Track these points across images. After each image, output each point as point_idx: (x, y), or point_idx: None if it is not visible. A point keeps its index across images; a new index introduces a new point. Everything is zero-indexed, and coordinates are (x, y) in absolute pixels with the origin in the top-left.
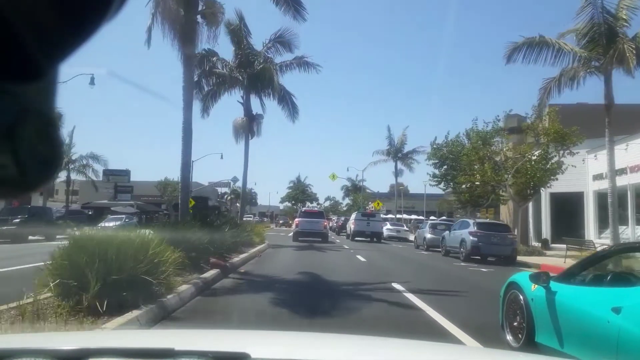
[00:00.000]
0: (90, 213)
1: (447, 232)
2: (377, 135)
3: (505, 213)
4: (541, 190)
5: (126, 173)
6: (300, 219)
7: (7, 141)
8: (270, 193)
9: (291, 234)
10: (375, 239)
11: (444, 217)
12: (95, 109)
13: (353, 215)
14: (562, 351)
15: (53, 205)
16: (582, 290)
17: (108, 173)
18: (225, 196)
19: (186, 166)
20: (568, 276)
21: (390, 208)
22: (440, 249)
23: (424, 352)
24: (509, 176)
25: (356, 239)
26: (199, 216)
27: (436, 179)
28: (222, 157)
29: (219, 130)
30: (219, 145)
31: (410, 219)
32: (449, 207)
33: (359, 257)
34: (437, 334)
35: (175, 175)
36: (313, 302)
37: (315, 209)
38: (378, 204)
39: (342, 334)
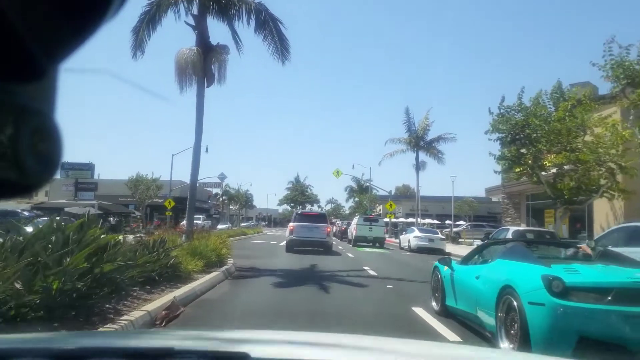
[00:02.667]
0: (41, 213)
1: None
2: (389, 126)
3: (606, 213)
4: None
5: (89, 167)
6: (295, 223)
7: (6, 141)
8: (268, 195)
9: (283, 242)
10: (377, 244)
11: (461, 222)
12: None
13: (355, 220)
14: (456, 307)
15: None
16: (467, 268)
17: (67, 167)
18: (218, 197)
19: None
20: (464, 260)
21: (398, 211)
22: None
23: (424, 351)
24: None
25: (358, 244)
26: None
27: (505, 161)
28: (207, 151)
29: (160, 77)
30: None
31: (424, 224)
32: (471, 209)
33: (430, 320)
34: None
35: (148, 170)
36: None
37: (316, 211)
38: (391, 205)
39: (342, 334)
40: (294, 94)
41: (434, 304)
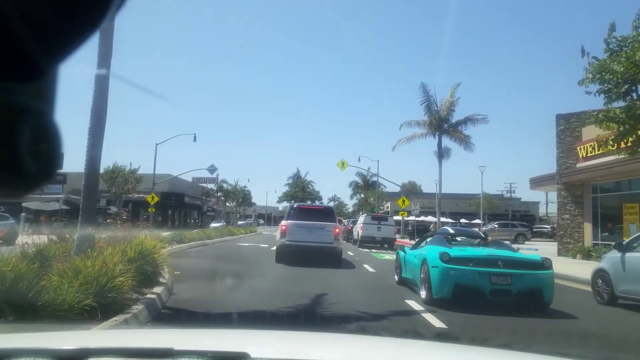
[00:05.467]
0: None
1: None
2: (402, 116)
3: None
4: None
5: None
6: (289, 222)
7: (7, 141)
8: (268, 192)
9: (274, 247)
10: (386, 246)
11: (478, 221)
12: None
13: (361, 218)
14: (407, 277)
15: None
16: (412, 251)
17: None
18: (214, 193)
19: None
20: (413, 246)
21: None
22: None
23: (423, 351)
24: None
25: (365, 245)
26: None
27: (617, 124)
28: (195, 139)
29: None
30: None
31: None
32: (490, 206)
33: None
34: None
35: (128, 160)
36: None
37: (319, 205)
38: (404, 201)
39: (341, 334)
40: (293, 96)
41: (396, 277)
